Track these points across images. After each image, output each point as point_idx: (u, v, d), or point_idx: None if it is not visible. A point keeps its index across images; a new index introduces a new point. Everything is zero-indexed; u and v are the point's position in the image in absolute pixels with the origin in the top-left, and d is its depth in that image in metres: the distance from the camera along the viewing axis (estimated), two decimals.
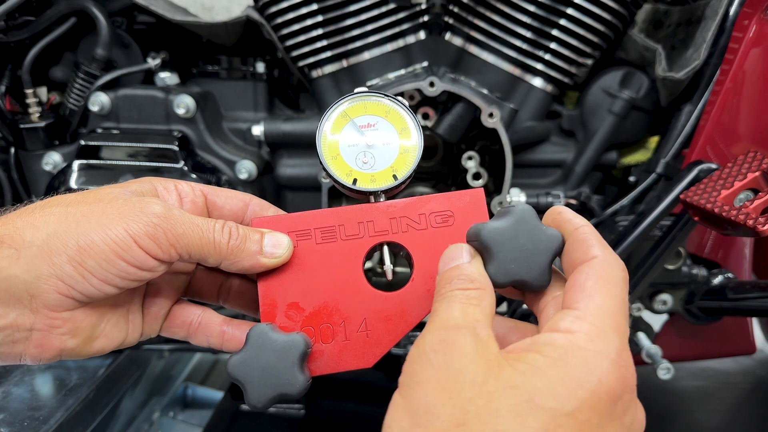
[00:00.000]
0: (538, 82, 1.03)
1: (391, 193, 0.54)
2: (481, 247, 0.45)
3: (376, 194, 0.54)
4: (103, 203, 0.48)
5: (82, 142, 1.02)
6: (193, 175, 1.00)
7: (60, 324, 0.48)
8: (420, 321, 0.52)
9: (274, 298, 0.52)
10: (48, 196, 0.51)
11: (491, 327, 0.42)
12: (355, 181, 0.53)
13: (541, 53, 1.01)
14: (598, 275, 0.43)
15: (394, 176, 0.53)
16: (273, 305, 0.52)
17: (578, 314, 0.41)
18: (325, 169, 0.53)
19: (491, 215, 0.49)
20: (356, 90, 0.55)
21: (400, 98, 0.55)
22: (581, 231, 0.45)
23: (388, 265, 0.53)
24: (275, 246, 0.51)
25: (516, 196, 1.00)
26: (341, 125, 0.54)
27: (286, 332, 0.49)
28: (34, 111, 1.05)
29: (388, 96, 0.54)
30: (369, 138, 0.54)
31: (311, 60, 1.03)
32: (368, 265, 1.02)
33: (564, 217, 0.47)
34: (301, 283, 0.52)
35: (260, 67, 1.11)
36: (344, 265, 0.52)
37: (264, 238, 0.51)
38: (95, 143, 1.02)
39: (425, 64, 1.05)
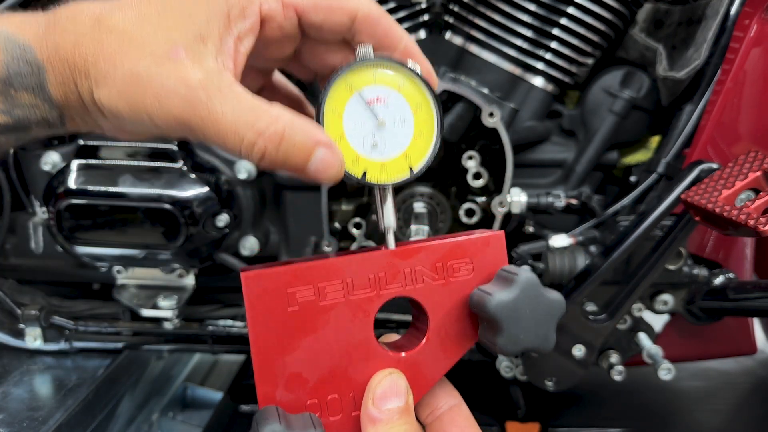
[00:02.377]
0: (538, 81, 1.03)
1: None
2: (489, 319, 0.44)
3: (385, 188, 0.46)
4: (145, 62, 0.41)
5: (81, 142, 1.02)
6: (192, 175, 1.00)
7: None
8: (435, 383, 0.47)
9: (273, 370, 0.44)
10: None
11: None
12: (364, 173, 0.45)
13: (541, 52, 1.00)
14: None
15: (411, 169, 0.46)
16: (272, 378, 0.44)
17: None
18: None
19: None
20: (360, 51, 0.45)
21: (412, 64, 0.46)
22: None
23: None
24: (322, 171, 0.42)
25: (517, 196, 1.00)
26: (345, 100, 0.44)
27: (293, 411, 0.43)
28: None
29: (399, 63, 0.45)
30: (378, 116, 0.45)
31: None
32: None
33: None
34: (303, 350, 0.44)
35: None
36: (352, 326, 0.45)
37: (311, 158, 0.42)
38: (94, 143, 1.01)
39: None
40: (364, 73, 0.45)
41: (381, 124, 0.45)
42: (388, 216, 0.47)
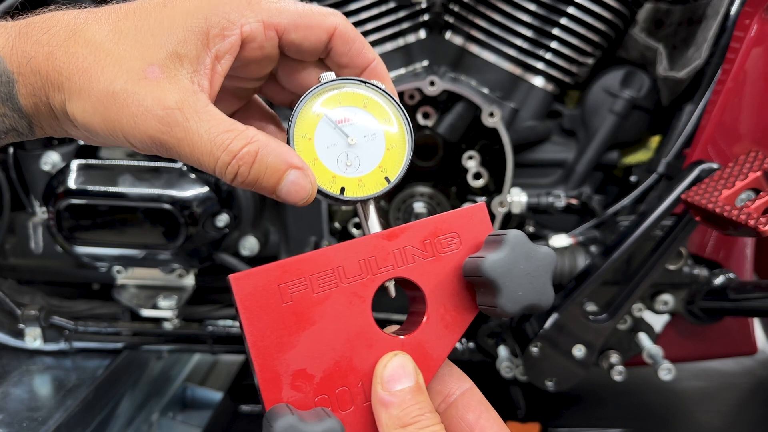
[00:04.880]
0: (538, 81, 1.03)
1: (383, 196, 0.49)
2: (486, 281, 0.43)
3: (365, 202, 0.47)
4: (118, 84, 0.41)
5: (81, 142, 1.01)
6: (192, 175, 0.99)
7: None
8: (443, 361, 0.47)
9: (276, 370, 0.43)
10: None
11: None
12: (342, 190, 0.46)
13: (541, 52, 1.00)
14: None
15: (386, 178, 0.47)
16: (276, 379, 0.43)
17: None
18: None
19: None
20: (322, 77, 0.47)
21: (374, 82, 0.47)
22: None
23: (389, 281, 0.47)
24: (293, 193, 0.43)
25: (517, 196, 1.00)
26: (314, 123, 0.46)
27: (303, 410, 0.42)
28: None
29: (361, 81, 0.47)
30: (349, 135, 0.46)
31: None
32: None
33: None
34: (304, 345, 0.43)
35: None
36: (350, 314, 0.45)
37: (283, 179, 0.43)
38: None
39: (425, 63, 1.05)
40: (328, 96, 0.47)
41: (352, 143, 0.46)
42: (374, 227, 0.48)
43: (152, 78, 0.41)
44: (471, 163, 1.02)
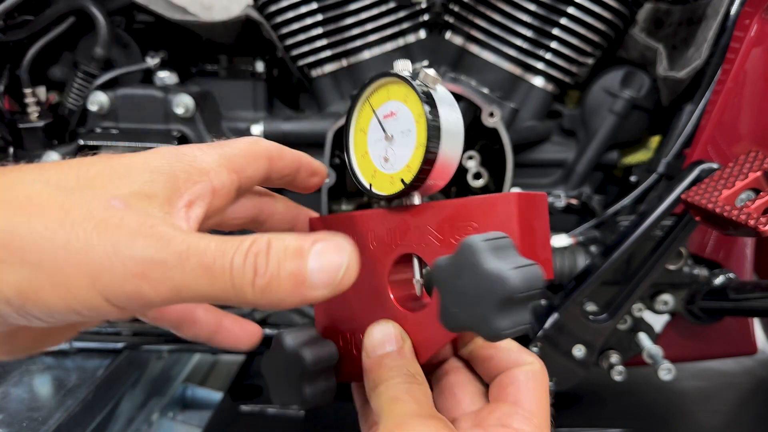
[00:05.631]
0: (538, 81, 1.03)
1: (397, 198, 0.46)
2: (433, 285, 0.39)
3: (379, 199, 0.46)
4: (72, 226, 0.32)
5: (81, 142, 1.02)
6: None
7: None
8: (435, 352, 0.45)
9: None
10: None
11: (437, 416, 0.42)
12: (371, 185, 0.46)
13: (541, 52, 1.00)
14: (536, 377, 0.44)
15: (402, 181, 0.44)
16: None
17: (525, 414, 0.42)
18: (351, 169, 0.47)
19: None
20: (396, 65, 0.45)
21: (415, 75, 0.44)
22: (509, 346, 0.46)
23: (417, 278, 0.45)
24: (327, 270, 0.34)
25: None
26: (369, 117, 0.46)
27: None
28: (33, 111, 1.05)
29: (404, 76, 0.44)
30: (389, 130, 0.45)
31: (311, 59, 1.03)
32: None
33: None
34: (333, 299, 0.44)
35: (260, 66, 1.10)
36: (371, 277, 0.46)
37: (309, 257, 0.34)
38: (94, 143, 1.01)
39: (425, 63, 1.05)
40: (381, 89, 0.45)
41: (389, 139, 0.45)
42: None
43: (115, 210, 0.33)
44: (471, 163, 1.02)
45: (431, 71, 0.43)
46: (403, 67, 0.44)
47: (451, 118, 0.43)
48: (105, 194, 0.34)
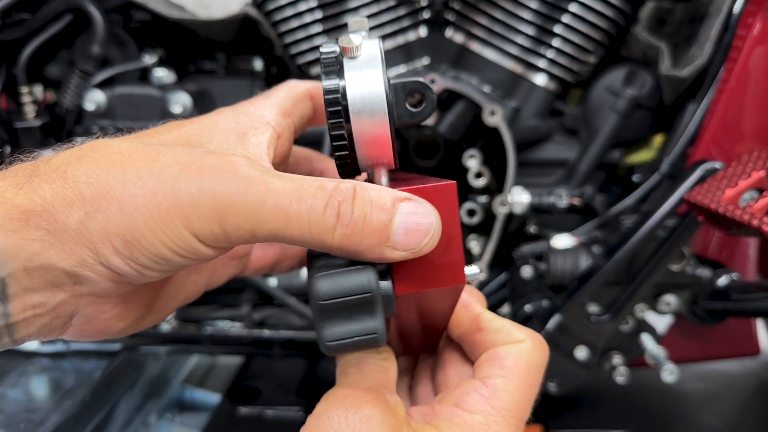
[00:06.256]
0: (540, 79, 1.02)
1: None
2: None
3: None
4: (160, 172, 0.35)
5: (78, 141, 1.00)
6: None
7: (108, 309, 0.40)
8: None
9: None
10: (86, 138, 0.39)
11: (396, 392, 0.42)
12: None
13: (543, 50, 0.99)
14: (520, 355, 0.43)
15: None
16: None
17: (486, 394, 0.41)
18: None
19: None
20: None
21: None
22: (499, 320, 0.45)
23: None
24: (413, 232, 0.33)
25: (519, 196, 0.99)
26: None
27: None
28: (30, 109, 1.04)
29: (321, 51, 0.43)
30: None
31: (310, 57, 1.02)
32: None
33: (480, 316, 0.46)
34: None
35: (258, 64, 1.09)
36: None
37: (395, 215, 0.33)
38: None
39: (426, 61, 1.04)
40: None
41: None
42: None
43: (198, 154, 0.35)
44: (472, 162, 1.01)
45: (357, 33, 0.40)
46: (357, 26, 0.41)
47: (360, 89, 0.39)
48: (187, 146, 0.36)
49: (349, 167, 0.40)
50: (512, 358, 0.42)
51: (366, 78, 0.38)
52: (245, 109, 0.43)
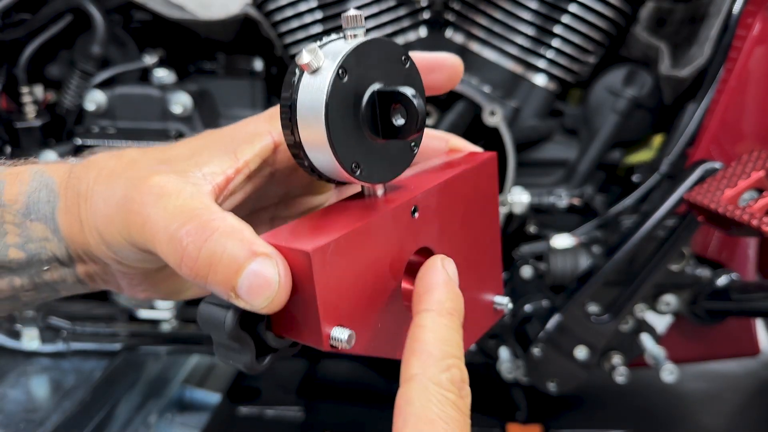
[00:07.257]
0: (540, 80, 1.02)
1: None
2: None
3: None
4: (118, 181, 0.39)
5: (78, 141, 1.01)
6: None
7: (138, 282, 0.43)
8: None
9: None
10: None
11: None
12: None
13: (543, 50, 0.99)
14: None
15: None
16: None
17: None
18: None
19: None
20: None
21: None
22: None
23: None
24: (254, 291, 0.31)
25: (519, 196, 0.99)
26: None
27: None
28: (30, 110, 1.04)
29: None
30: None
31: None
32: None
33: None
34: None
35: (258, 64, 1.09)
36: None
37: (244, 269, 0.31)
38: (91, 142, 1.00)
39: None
40: None
41: None
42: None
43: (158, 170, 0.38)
44: None
45: (352, 30, 0.37)
46: (351, 23, 0.37)
47: (304, 101, 0.35)
48: (162, 163, 0.39)
49: (317, 177, 0.38)
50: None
51: (311, 90, 0.35)
52: (242, 127, 0.43)
